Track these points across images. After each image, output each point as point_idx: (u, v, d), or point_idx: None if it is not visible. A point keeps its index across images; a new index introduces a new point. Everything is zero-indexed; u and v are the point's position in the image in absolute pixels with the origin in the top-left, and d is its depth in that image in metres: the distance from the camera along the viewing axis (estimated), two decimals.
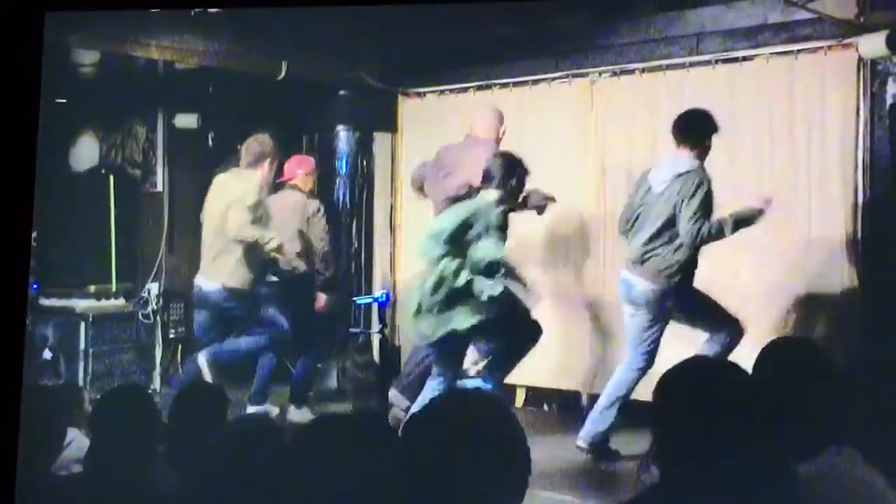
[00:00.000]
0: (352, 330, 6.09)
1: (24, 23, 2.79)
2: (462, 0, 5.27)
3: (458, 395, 2.09)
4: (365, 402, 6.17)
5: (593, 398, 5.80)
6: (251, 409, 5.25)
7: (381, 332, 4.44)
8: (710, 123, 4.56)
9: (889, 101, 4.86)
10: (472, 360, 4.56)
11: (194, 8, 5.14)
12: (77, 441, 2.93)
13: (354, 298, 6.10)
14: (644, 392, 4.66)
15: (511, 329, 4.38)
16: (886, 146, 4.88)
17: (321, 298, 5.36)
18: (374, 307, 5.87)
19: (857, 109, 4.94)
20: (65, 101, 5.97)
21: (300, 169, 5.63)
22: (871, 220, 4.96)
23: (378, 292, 4.63)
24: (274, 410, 5.40)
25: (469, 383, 4.32)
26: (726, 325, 4.53)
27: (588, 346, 5.75)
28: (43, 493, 2.54)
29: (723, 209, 4.56)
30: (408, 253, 6.18)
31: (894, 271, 4.90)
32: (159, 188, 6.50)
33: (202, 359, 4.98)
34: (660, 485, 1.73)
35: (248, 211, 4.94)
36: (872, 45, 4.79)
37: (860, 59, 4.91)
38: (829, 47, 5.00)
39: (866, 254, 4.97)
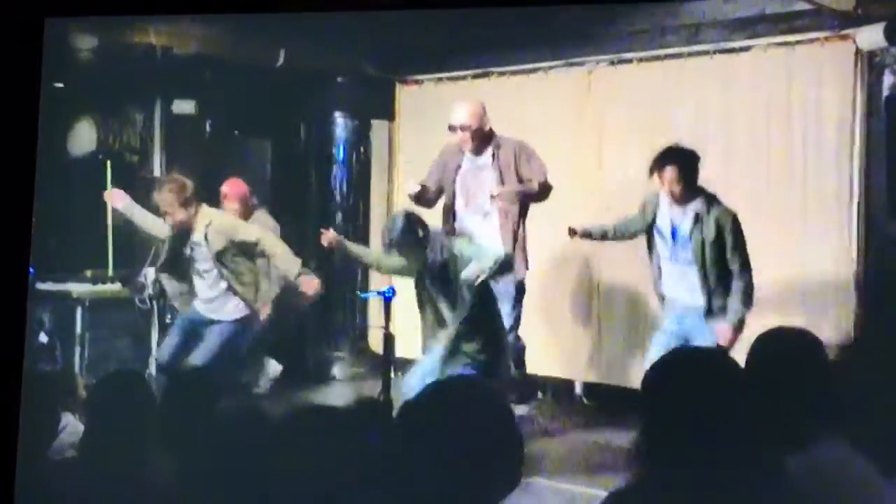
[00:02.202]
0: (361, 295, 6.07)
1: (24, 17, 2.80)
2: (456, 6, 5.26)
3: (449, 383, 2.10)
4: (362, 390, 6.20)
5: (587, 386, 5.85)
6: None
7: (384, 328, 4.42)
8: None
9: (886, 92, 4.86)
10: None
11: (192, 13, 5.13)
12: (71, 426, 2.93)
13: (359, 292, 6.10)
14: (636, 381, 4.69)
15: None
16: (883, 137, 4.88)
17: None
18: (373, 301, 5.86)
19: (854, 100, 4.94)
20: (62, 85, 5.95)
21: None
22: (867, 211, 4.97)
23: (383, 286, 4.59)
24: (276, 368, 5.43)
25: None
26: None
27: (582, 333, 5.77)
28: (40, 478, 2.55)
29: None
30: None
31: (890, 262, 4.91)
32: (156, 174, 6.48)
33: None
34: (649, 474, 1.74)
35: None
36: (870, 36, 4.79)
37: (858, 51, 4.91)
38: (827, 38, 5.00)
39: (862, 244, 4.99)
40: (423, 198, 5.07)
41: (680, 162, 4.33)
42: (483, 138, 5.00)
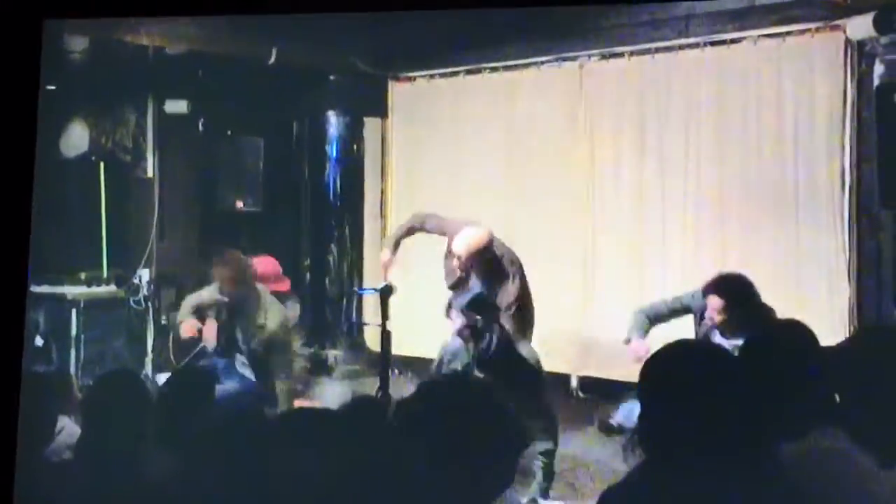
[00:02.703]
0: (359, 290, 6.03)
1: (23, 19, 2.80)
2: (454, 6, 5.26)
3: (449, 379, 2.10)
4: (358, 388, 6.20)
5: (583, 380, 5.86)
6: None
7: (381, 325, 4.39)
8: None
9: (876, 81, 4.87)
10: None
11: (190, 14, 5.11)
12: (68, 428, 2.93)
13: (356, 288, 6.11)
14: (634, 374, 4.70)
15: None
16: (873, 127, 4.89)
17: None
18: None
19: (845, 90, 4.95)
20: (54, 87, 5.93)
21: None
22: (859, 199, 4.99)
23: (380, 283, 4.55)
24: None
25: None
26: None
27: (578, 327, 5.78)
28: (38, 480, 2.55)
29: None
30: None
31: (882, 251, 4.93)
32: (150, 174, 6.47)
33: None
34: (645, 466, 1.75)
35: None
36: (860, 26, 4.80)
37: (847, 41, 4.92)
38: (817, 29, 5.01)
39: (854, 233, 5.00)
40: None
41: (727, 293, 3.98)
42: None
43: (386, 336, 4.39)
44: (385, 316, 4.41)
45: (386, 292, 4.50)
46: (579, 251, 5.81)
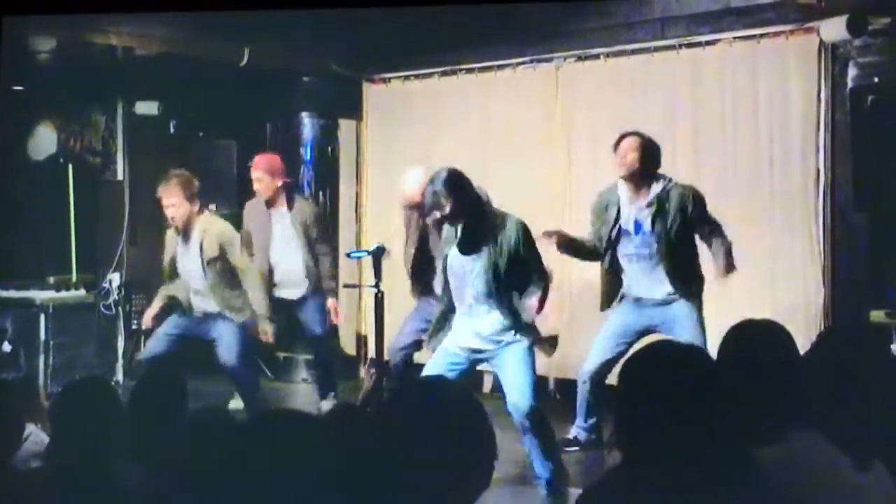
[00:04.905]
0: (345, 285, 6.02)
1: None
2: (425, 3, 5.24)
3: (423, 382, 2.07)
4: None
5: (560, 382, 5.85)
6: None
7: (375, 286, 4.28)
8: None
9: (850, 84, 4.91)
10: None
11: (154, 11, 5.06)
12: (34, 435, 2.87)
13: (348, 252, 6.09)
14: (613, 377, 4.68)
15: None
16: (847, 128, 4.93)
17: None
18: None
19: (819, 92, 4.99)
20: (21, 88, 5.85)
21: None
22: (833, 201, 5.02)
23: (371, 245, 4.47)
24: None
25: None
26: None
27: (554, 329, 5.76)
28: (4, 487, 2.49)
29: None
30: (372, 240, 6.14)
31: (857, 252, 4.96)
32: (119, 177, 6.40)
33: None
34: (622, 468, 1.74)
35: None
36: (833, 28, 4.83)
37: (822, 43, 4.95)
38: (792, 31, 5.04)
39: (828, 235, 5.03)
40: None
41: (640, 138, 4.41)
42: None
43: (379, 299, 4.29)
44: (378, 277, 4.31)
45: (378, 253, 4.42)
46: (555, 253, 5.80)
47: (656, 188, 4.41)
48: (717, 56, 5.28)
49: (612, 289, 4.62)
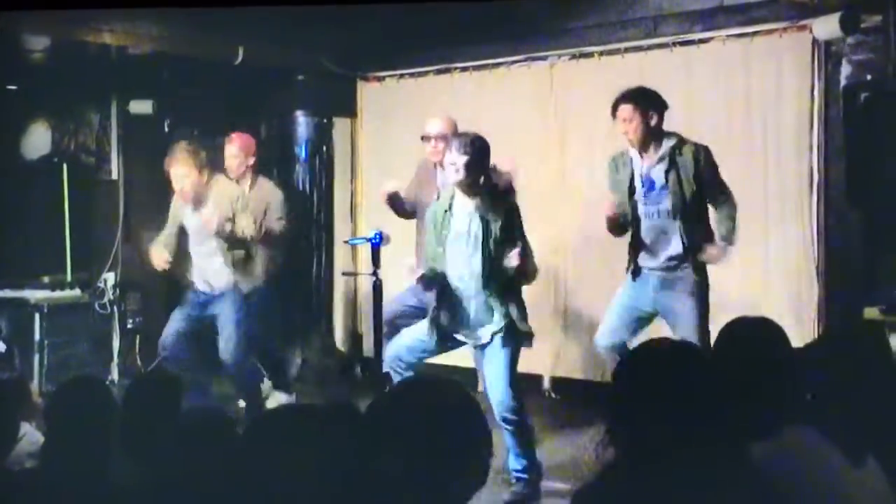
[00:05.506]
0: (344, 273, 5.98)
1: None
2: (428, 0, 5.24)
3: (419, 380, 2.08)
4: (328, 388, 6.16)
5: (556, 381, 5.86)
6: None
7: (374, 274, 4.27)
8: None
9: (843, 81, 4.91)
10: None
11: (146, 7, 5.05)
12: (29, 435, 2.87)
13: (346, 239, 6.07)
14: (606, 375, 4.70)
15: None
16: (840, 126, 4.94)
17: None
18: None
19: (812, 90, 5.00)
20: (15, 87, 5.84)
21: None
22: (827, 199, 5.03)
23: (370, 232, 4.45)
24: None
25: None
26: None
27: (549, 328, 5.77)
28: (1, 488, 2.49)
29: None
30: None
31: (851, 249, 4.97)
32: (114, 176, 6.39)
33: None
34: (617, 465, 1.75)
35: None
36: (827, 26, 4.84)
37: (815, 41, 4.96)
38: (785, 29, 5.05)
39: (822, 232, 5.04)
40: (397, 203, 4.97)
41: (637, 100, 4.33)
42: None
43: (377, 287, 4.28)
44: (376, 265, 4.30)
45: (376, 240, 4.40)
46: (550, 251, 5.81)
47: (667, 144, 4.32)
48: (710, 54, 5.28)
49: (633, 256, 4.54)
